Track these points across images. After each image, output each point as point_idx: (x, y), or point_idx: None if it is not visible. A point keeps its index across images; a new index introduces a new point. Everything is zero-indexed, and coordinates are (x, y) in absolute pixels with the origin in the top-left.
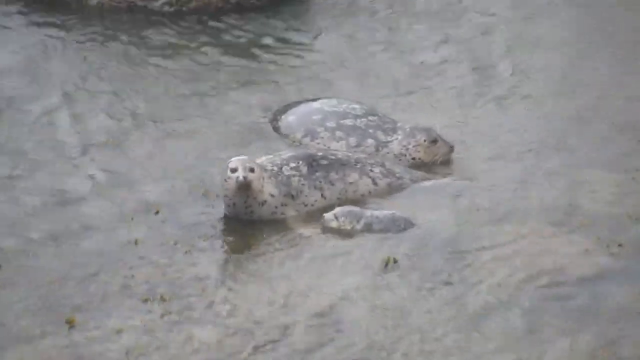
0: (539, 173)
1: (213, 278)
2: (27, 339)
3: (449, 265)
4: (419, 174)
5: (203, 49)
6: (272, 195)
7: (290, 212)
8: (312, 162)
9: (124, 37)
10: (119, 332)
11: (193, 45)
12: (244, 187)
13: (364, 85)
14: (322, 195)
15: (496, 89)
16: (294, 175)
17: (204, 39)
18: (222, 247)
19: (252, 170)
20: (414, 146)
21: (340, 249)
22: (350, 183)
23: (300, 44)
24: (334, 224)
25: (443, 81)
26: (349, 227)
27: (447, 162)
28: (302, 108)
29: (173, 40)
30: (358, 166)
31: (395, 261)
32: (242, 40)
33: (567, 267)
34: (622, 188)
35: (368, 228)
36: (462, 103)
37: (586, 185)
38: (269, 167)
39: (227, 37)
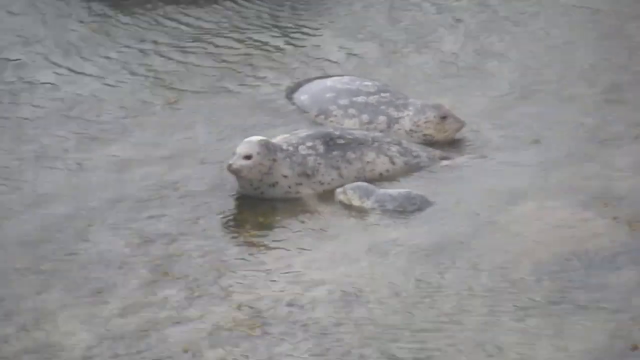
0: (558, 154)
1: (225, 254)
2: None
3: (467, 245)
4: (437, 152)
5: (215, 28)
6: (285, 176)
7: (306, 191)
8: (329, 141)
9: (136, 16)
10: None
11: (206, 25)
12: (234, 174)
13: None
14: (339, 174)
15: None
16: (310, 155)
17: (217, 18)
18: (234, 224)
19: (248, 157)
20: (424, 122)
21: (353, 227)
22: (368, 162)
23: (310, 21)
24: (341, 197)
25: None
26: (358, 203)
27: (463, 140)
28: (315, 86)
29: (184, 19)
30: (375, 145)
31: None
32: (252, 19)
33: (588, 245)
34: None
35: (381, 205)
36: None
37: (606, 165)
38: (285, 147)
39: (238, 16)
